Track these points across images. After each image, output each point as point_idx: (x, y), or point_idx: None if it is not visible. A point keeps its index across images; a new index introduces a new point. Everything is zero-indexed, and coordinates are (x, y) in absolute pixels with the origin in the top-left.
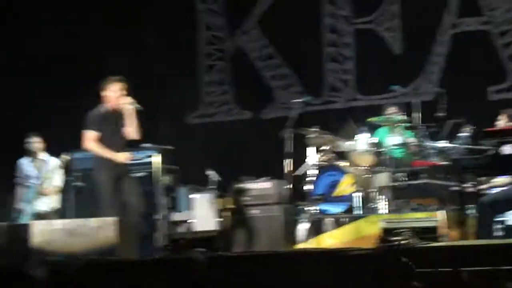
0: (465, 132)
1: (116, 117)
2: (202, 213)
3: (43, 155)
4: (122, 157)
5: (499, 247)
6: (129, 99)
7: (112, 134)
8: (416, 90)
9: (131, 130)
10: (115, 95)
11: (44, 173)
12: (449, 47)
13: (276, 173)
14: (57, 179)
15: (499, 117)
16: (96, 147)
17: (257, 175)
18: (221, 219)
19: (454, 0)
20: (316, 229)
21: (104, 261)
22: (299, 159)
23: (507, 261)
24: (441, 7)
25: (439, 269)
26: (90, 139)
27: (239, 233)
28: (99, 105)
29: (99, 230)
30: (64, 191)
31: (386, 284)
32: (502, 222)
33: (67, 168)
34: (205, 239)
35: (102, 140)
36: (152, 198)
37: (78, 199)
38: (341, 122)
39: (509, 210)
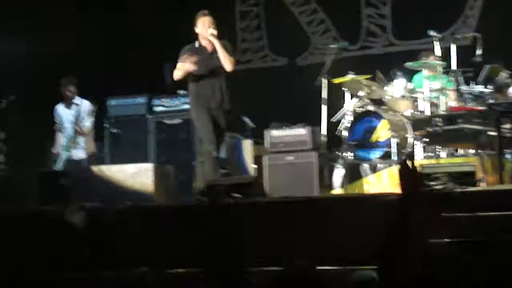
0: (503, 77)
1: (206, 51)
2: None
3: (77, 99)
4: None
5: None
6: (212, 31)
7: (202, 71)
8: (454, 34)
9: (222, 62)
10: (202, 29)
11: (77, 116)
12: None
13: (313, 119)
14: (89, 122)
15: None
16: (179, 74)
17: (293, 121)
18: (257, 166)
19: None
20: (353, 175)
21: (141, 207)
22: (336, 105)
23: None
24: None
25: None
26: (177, 69)
27: (275, 179)
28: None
29: (135, 176)
30: (100, 137)
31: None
32: None
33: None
34: (242, 185)
35: (193, 77)
36: (189, 145)
37: (114, 145)
38: (378, 68)
39: None
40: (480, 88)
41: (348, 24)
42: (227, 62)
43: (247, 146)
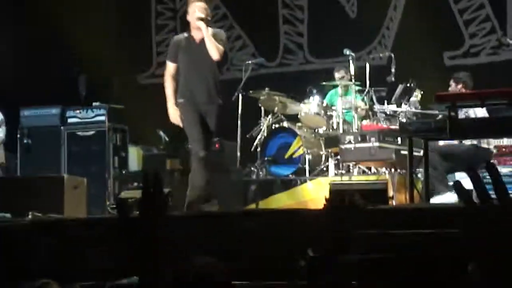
0: (415, 97)
1: (195, 42)
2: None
3: None
4: (172, 115)
5: (447, 211)
6: (200, 15)
7: (189, 64)
8: (369, 53)
9: (209, 50)
10: (192, 16)
11: None
12: (405, 12)
13: (228, 135)
14: (1, 133)
15: (451, 82)
16: (166, 86)
17: None
18: (170, 180)
19: None
20: (266, 190)
21: (48, 219)
22: (252, 121)
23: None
24: None
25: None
26: (167, 71)
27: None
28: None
29: (47, 188)
30: (13, 147)
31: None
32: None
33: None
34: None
35: (180, 71)
36: (102, 157)
37: (26, 156)
38: (295, 85)
39: (458, 164)
40: (393, 107)
41: (266, 40)
42: (213, 50)
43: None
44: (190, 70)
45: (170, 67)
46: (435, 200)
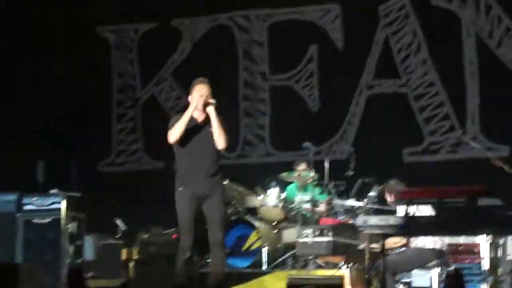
0: (374, 192)
1: (197, 124)
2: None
3: None
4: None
5: None
6: (212, 101)
7: (191, 146)
8: (330, 148)
9: (216, 138)
10: (197, 98)
11: None
12: (366, 108)
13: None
14: None
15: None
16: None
17: (167, 226)
18: (126, 269)
19: (371, 61)
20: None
21: None
22: None
23: None
24: (359, 67)
25: None
26: (172, 129)
27: (143, 284)
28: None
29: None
30: None
31: None
32: (407, 283)
33: None
34: None
35: (180, 154)
36: (57, 245)
37: None
38: (254, 177)
39: (407, 271)
40: (351, 202)
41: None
42: (220, 140)
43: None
44: (192, 153)
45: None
46: None
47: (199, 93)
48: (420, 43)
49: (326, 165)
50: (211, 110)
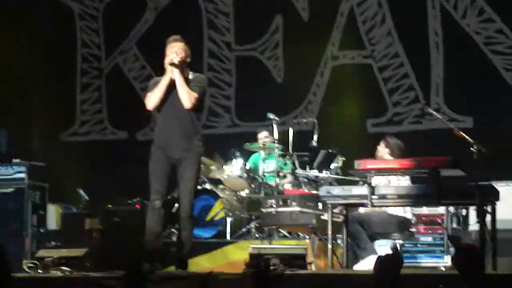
0: (337, 163)
1: (173, 85)
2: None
3: None
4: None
5: (364, 277)
6: (173, 58)
7: (165, 109)
8: (294, 118)
9: (180, 98)
10: (168, 53)
11: None
12: (330, 78)
13: (147, 196)
14: None
15: (381, 142)
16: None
17: (129, 197)
18: (90, 239)
19: (337, 32)
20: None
21: None
22: (174, 182)
23: None
24: (324, 38)
25: None
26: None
27: (107, 254)
28: None
29: None
30: None
31: None
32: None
33: None
34: (72, 258)
35: (157, 117)
36: (20, 215)
37: None
38: (219, 147)
39: (372, 233)
40: (315, 172)
41: None
42: (184, 97)
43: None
44: (166, 115)
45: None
46: (359, 266)
47: (170, 52)
48: (385, 14)
49: (290, 135)
50: (172, 68)
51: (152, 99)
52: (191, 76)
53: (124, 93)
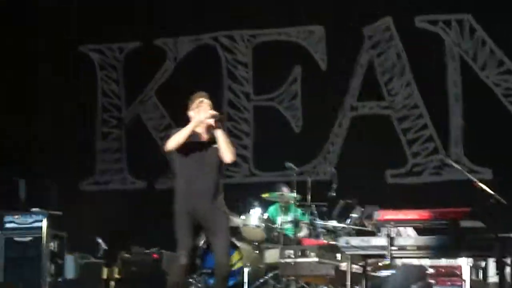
0: (356, 213)
1: (199, 140)
2: None
3: None
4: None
5: None
6: (215, 114)
7: (192, 163)
8: (313, 169)
9: (222, 152)
10: (199, 114)
11: None
12: (349, 129)
13: (170, 245)
14: None
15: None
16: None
17: (147, 246)
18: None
19: (355, 83)
20: None
21: None
22: None
23: None
24: (342, 89)
25: None
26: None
27: None
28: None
29: None
30: None
31: None
32: None
33: None
34: None
35: (180, 170)
36: (38, 264)
37: None
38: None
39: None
40: (333, 223)
41: None
42: (227, 153)
43: None
44: (193, 170)
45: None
46: None
47: (200, 107)
48: (404, 66)
49: (309, 186)
50: (214, 124)
51: (174, 140)
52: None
53: (143, 143)
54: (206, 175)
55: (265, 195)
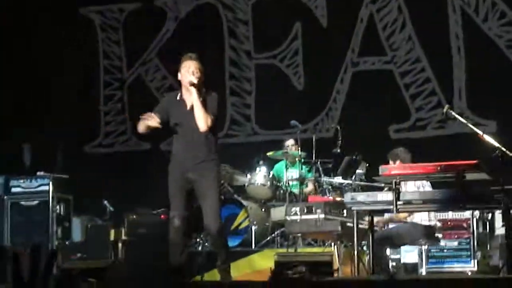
0: (361, 169)
1: (187, 110)
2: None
3: None
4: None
5: (390, 283)
6: (192, 79)
7: (180, 131)
8: (316, 126)
9: (196, 120)
10: (184, 76)
11: None
12: (351, 85)
13: None
14: None
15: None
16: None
17: (154, 207)
18: (115, 250)
19: (356, 38)
20: (212, 262)
21: None
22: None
23: None
24: (344, 44)
25: None
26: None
27: (131, 266)
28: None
29: None
30: None
31: None
32: (396, 259)
33: None
34: (97, 270)
35: (174, 136)
36: (45, 227)
37: None
38: (241, 156)
39: (402, 245)
40: (339, 179)
41: None
42: (201, 121)
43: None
44: (181, 137)
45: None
46: None
47: (185, 70)
48: (405, 19)
49: (313, 142)
50: (192, 89)
51: (140, 128)
52: (204, 95)
53: (146, 104)
54: (194, 143)
55: (270, 153)
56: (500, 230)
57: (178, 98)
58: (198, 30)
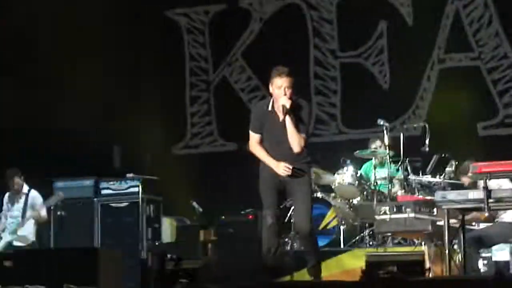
0: (450, 167)
1: (277, 119)
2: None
3: (25, 189)
4: (281, 168)
5: (484, 281)
6: (285, 102)
7: (271, 140)
8: (403, 124)
9: (289, 138)
10: (276, 92)
11: (32, 205)
12: (438, 82)
13: (261, 204)
14: (44, 211)
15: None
16: (257, 152)
17: (241, 207)
18: (205, 251)
19: (442, 35)
20: (301, 262)
21: None
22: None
23: None
24: (430, 41)
25: None
26: (251, 140)
27: (222, 266)
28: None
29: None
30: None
31: None
32: (488, 257)
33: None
34: (189, 270)
35: (264, 141)
36: (135, 229)
37: (59, 228)
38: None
39: (493, 245)
40: (428, 178)
41: None
42: (294, 143)
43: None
44: (272, 146)
45: (254, 137)
46: None
47: (277, 86)
48: (492, 15)
49: (401, 141)
50: (286, 116)
51: (255, 152)
52: (296, 104)
53: (232, 105)
54: (285, 152)
55: (357, 153)
56: None
57: (269, 108)
58: (282, 30)
